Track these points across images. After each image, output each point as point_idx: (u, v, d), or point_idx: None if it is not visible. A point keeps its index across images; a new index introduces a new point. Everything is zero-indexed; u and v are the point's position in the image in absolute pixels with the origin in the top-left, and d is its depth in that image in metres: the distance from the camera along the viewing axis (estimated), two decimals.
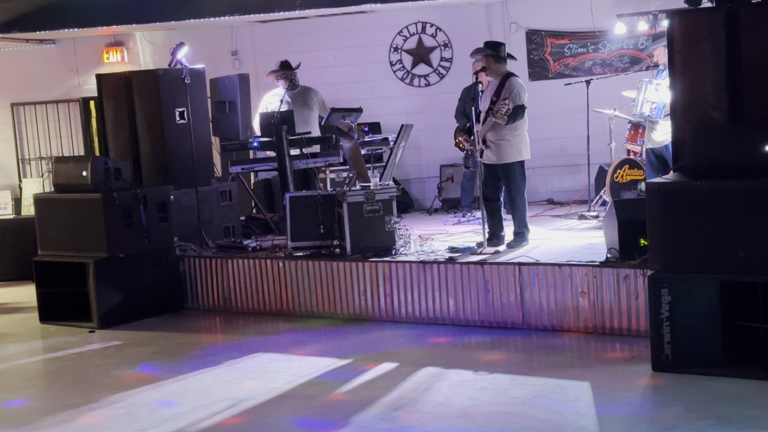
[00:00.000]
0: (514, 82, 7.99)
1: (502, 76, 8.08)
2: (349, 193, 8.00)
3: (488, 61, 8.09)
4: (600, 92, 10.09)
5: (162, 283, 8.56)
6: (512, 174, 8.06)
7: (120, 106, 9.44)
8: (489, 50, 8.09)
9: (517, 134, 8.03)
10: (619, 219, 6.79)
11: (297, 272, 8.15)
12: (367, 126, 10.70)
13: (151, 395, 6.04)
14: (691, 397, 5.30)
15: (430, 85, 12.09)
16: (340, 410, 5.48)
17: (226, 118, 9.89)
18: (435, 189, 11.66)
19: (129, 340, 7.68)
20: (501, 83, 8.03)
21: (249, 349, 7.09)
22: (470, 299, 7.35)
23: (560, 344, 6.72)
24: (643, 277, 6.48)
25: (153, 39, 12.74)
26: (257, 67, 12.19)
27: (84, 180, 8.27)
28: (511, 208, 8.15)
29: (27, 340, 8.00)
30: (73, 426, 5.52)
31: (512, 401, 5.44)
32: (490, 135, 8.03)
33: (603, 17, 11.03)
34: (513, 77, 8.05)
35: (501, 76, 8.08)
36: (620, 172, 9.45)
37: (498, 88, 8.04)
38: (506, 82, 8.00)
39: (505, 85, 7.99)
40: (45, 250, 8.57)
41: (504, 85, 8.00)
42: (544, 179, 11.68)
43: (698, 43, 6.05)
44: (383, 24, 12.07)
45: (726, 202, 5.57)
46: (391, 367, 6.35)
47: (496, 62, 8.10)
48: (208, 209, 9.43)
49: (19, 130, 13.24)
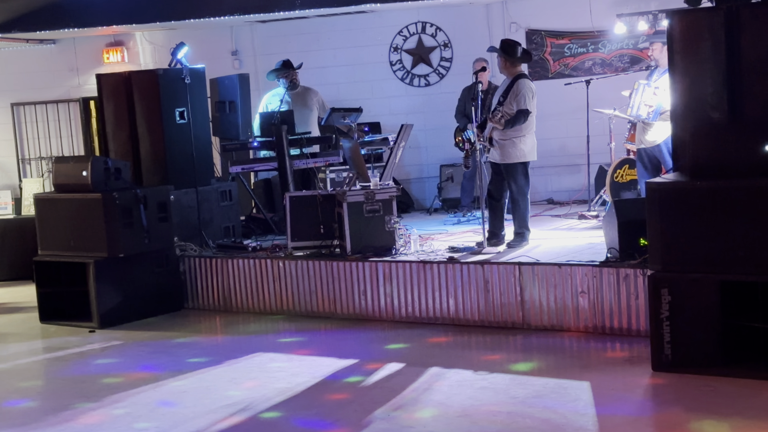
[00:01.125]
0: (522, 85, 7.97)
1: (514, 76, 8.07)
2: (349, 193, 8.00)
3: (502, 61, 8.09)
4: (600, 92, 10.09)
5: (162, 283, 8.56)
6: (514, 175, 8.06)
7: (120, 106, 9.43)
8: (503, 51, 8.08)
9: (522, 136, 8.00)
10: (619, 219, 6.79)
11: (297, 272, 8.15)
12: (367, 126, 10.69)
13: (151, 395, 6.04)
14: (691, 397, 5.30)
15: (430, 85, 12.09)
16: (340, 410, 5.48)
17: (226, 118, 9.89)
18: (435, 189, 11.66)
19: (129, 340, 7.68)
20: (511, 84, 8.03)
21: (249, 349, 7.09)
22: (470, 299, 7.35)
23: (560, 344, 6.73)
24: (643, 277, 6.48)
25: (153, 39, 12.74)
26: (257, 67, 12.19)
27: (84, 180, 8.27)
28: (512, 208, 8.16)
29: (27, 340, 8.01)
30: (73, 426, 5.52)
31: (512, 401, 5.44)
32: (496, 134, 8.03)
33: (603, 17, 11.03)
34: (523, 79, 8.02)
35: (513, 76, 8.07)
36: (620, 172, 9.45)
37: (507, 89, 8.04)
38: (515, 84, 7.99)
39: (514, 86, 7.99)
40: (45, 250, 8.57)
41: (513, 87, 7.99)
42: (544, 179, 11.68)
43: (698, 43, 6.05)
44: (383, 24, 12.07)
45: (726, 202, 5.57)
46: (391, 367, 6.35)
47: (510, 63, 8.07)
48: (208, 209, 9.43)
49: (19, 130, 13.24)
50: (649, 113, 8.34)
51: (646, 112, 8.36)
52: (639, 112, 8.43)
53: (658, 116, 8.31)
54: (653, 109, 8.33)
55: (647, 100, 8.34)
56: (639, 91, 8.46)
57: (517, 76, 8.04)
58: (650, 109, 8.34)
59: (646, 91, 8.38)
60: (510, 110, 7.96)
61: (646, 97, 8.35)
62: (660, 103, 8.26)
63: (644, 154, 8.54)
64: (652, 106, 8.33)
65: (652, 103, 8.32)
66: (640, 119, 8.50)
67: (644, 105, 8.37)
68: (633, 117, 8.64)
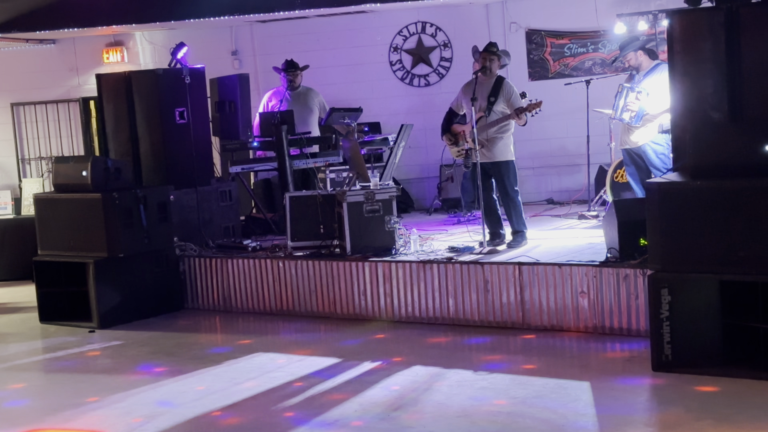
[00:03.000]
0: (510, 85, 8.19)
1: (496, 77, 8.21)
2: (349, 193, 8.00)
3: (493, 61, 8.18)
4: (600, 92, 10.09)
5: (162, 283, 8.56)
6: (508, 172, 8.10)
7: (120, 106, 9.44)
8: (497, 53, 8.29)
9: (510, 134, 8.18)
10: (619, 219, 6.79)
11: (297, 272, 8.15)
12: (367, 126, 10.70)
13: (151, 395, 6.04)
14: (691, 397, 5.30)
15: (429, 85, 12.09)
16: (340, 410, 5.48)
17: (226, 118, 9.89)
18: (435, 189, 11.66)
19: (129, 340, 7.68)
20: (495, 85, 8.14)
21: (249, 349, 7.09)
22: (470, 299, 7.35)
23: (560, 344, 6.73)
24: (643, 277, 6.48)
25: (153, 39, 12.74)
26: (257, 67, 12.20)
27: (84, 180, 8.27)
28: (507, 207, 8.15)
29: (27, 340, 8.00)
30: (73, 426, 5.52)
31: (512, 401, 5.44)
32: (483, 135, 8.06)
33: (603, 17, 11.04)
34: (506, 80, 8.25)
35: (495, 77, 8.21)
36: (620, 171, 9.45)
37: (494, 90, 8.10)
38: (502, 85, 8.15)
39: (502, 87, 8.13)
40: (45, 250, 8.58)
41: (501, 87, 8.12)
42: (544, 179, 11.68)
43: (698, 43, 6.04)
44: (383, 24, 12.08)
45: (726, 202, 5.56)
46: (391, 367, 6.35)
47: (498, 64, 8.30)
48: (208, 209, 9.44)
49: (19, 130, 13.24)
50: (632, 117, 8.32)
51: (628, 117, 8.35)
52: (622, 116, 8.42)
53: (641, 120, 8.31)
54: (635, 114, 8.31)
55: (629, 105, 8.32)
56: (622, 94, 8.44)
57: (499, 77, 8.23)
58: (632, 113, 8.32)
59: (630, 95, 8.37)
60: (504, 110, 8.08)
61: (630, 101, 8.34)
62: (642, 106, 8.26)
63: (632, 154, 8.54)
64: (634, 111, 8.31)
65: (635, 108, 8.29)
66: (623, 122, 8.49)
67: (627, 110, 8.35)
68: (616, 120, 8.63)
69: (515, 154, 8.32)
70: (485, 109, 8.07)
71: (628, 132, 8.51)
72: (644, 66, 8.48)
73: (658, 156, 8.29)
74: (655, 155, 8.31)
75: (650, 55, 8.53)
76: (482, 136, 8.02)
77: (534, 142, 11.55)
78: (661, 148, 8.25)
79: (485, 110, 8.07)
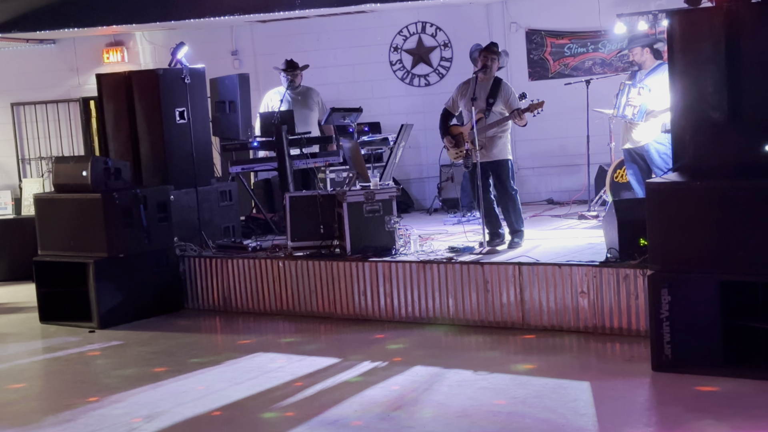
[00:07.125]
0: (508, 86, 8.20)
1: (494, 78, 8.20)
2: (349, 193, 8.00)
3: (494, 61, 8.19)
4: (600, 92, 10.09)
5: (162, 283, 8.56)
6: (507, 171, 8.11)
7: (120, 106, 9.43)
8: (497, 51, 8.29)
9: (508, 133, 8.19)
10: (619, 219, 6.79)
11: (297, 272, 8.15)
12: (367, 126, 10.70)
13: (151, 395, 6.04)
14: (691, 397, 5.30)
15: (430, 85, 12.09)
16: (340, 410, 5.48)
17: (226, 118, 9.89)
18: (435, 189, 11.66)
19: (129, 340, 7.68)
20: (494, 86, 8.14)
21: (249, 349, 7.09)
22: (470, 299, 7.35)
23: (560, 344, 6.73)
24: (643, 277, 6.48)
25: (153, 39, 12.74)
26: (257, 67, 12.20)
27: (84, 180, 8.27)
28: (507, 206, 8.13)
29: (27, 340, 8.01)
30: (73, 426, 5.52)
31: (512, 401, 5.44)
32: (483, 136, 8.06)
33: (603, 17, 11.04)
34: (504, 81, 8.25)
35: (493, 78, 8.20)
36: (620, 171, 9.45)
37: (492, 91, 8.10)
38: (500, 86, 8.15)
39: (500, 88, 8.13)
40: (45, 250, 8.58)
41: (499, 89, 8.13)
42: (544, 179, 11.68)
43: (698, 43, 6.04)
44: (383, 24, 12.08)
45: (726, 202, 5.56)
46: (391, 367, 6.35)
47: (497, 65, 8.26)
48: (208, 209, 9.43)
49: (19, 130, 13.25)
50: (635, 113, 8.33)
51: (631, 113, 8.36)
52: (624, 113, 8.43)
53: (644, 116, 8.31)
54: (638, 110, 8.32)
55: (632, 101, 8.34)
56: (624, 91, 8.45)
57: (497, 78, 8.23)
58: (635, 109, 8.33)
59: (632, 91, 8.38)
60: (502, 111, 8.09)
61: (632, 97, 8.35)
62: (644, 102, 8.26)
63: (634, 153, 8.54)
64: (636, 106, 8.32)
65: (637, 104, 8.31)
66: (626, 119, 8.50)
67: (629, 105, 8.36)
68: (618, 117, 8.64)
69: (513, 154, 8.32)
70: (484, 110, 8.07)
71: (630, 130, 8.52)
72: (647, 64, 8.48)
73: (660, 156, 8.29)
74: (658, 155, 8.31)
75: (655, 54, 8.54)
76: (482, 136, 8.02)
77: (534, 142, 11.55)
78: (663, 147, 8.25)
79: (484, 111, 8.07)
